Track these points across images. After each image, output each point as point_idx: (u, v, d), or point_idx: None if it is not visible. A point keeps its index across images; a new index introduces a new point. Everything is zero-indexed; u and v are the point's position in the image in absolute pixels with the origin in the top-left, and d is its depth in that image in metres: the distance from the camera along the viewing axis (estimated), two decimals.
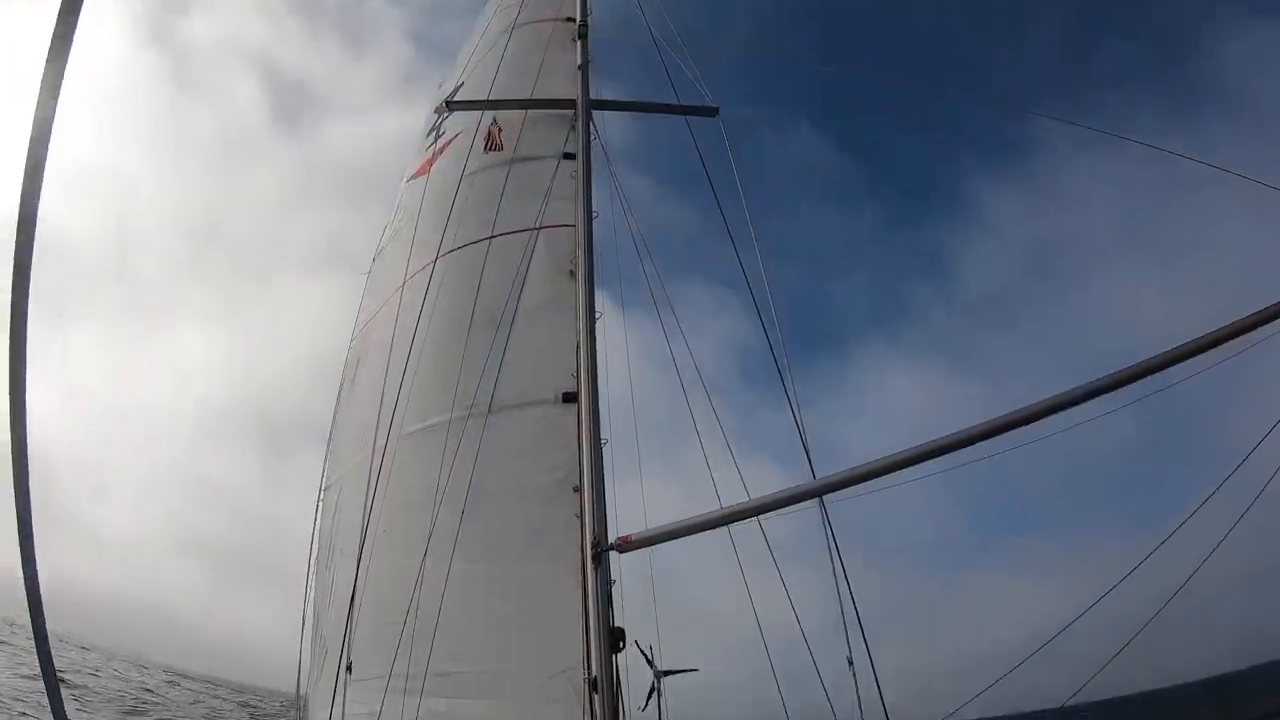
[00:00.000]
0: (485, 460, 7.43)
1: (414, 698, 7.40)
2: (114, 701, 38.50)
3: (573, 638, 6.61)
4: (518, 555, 7.46)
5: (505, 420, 7.67)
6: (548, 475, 7.45)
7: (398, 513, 8.22)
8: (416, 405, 8.46)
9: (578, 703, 6.69)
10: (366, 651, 8.19)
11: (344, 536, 9.34)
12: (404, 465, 8.40)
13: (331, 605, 9.22)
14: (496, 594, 7.51)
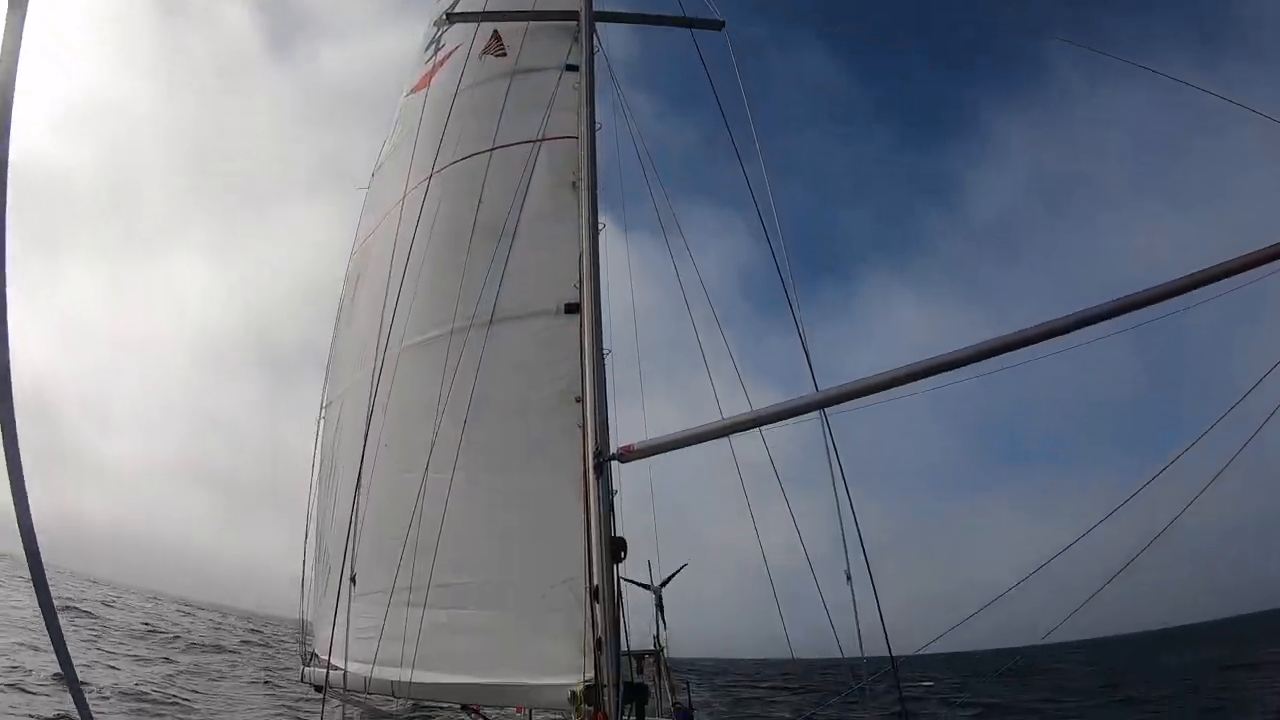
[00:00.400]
0: (487, 372, 7.38)
1: (417, 609, 7.46)
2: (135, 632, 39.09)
3: (574, 548, 6.64)
4: (519, 466, 7.45)
5: (507, 331, 7.60)
6: (550, 386, 7.41)
7: (399, 426, 8.20)
8: (417, 318, 8.39)
9: (579, 612, 6.73)
10: (369, 565, 8.25)
11: (346, 453, 9.36)
12: (405, 379, 8.37)
13: (334, 523, 9.28)
14: (498, 505, 7.52)
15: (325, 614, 8.77)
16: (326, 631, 8.76)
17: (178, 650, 48.46)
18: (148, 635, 53.22)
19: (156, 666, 38.04)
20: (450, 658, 7.53)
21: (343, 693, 8.60)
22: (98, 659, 34.69)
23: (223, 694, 30.04)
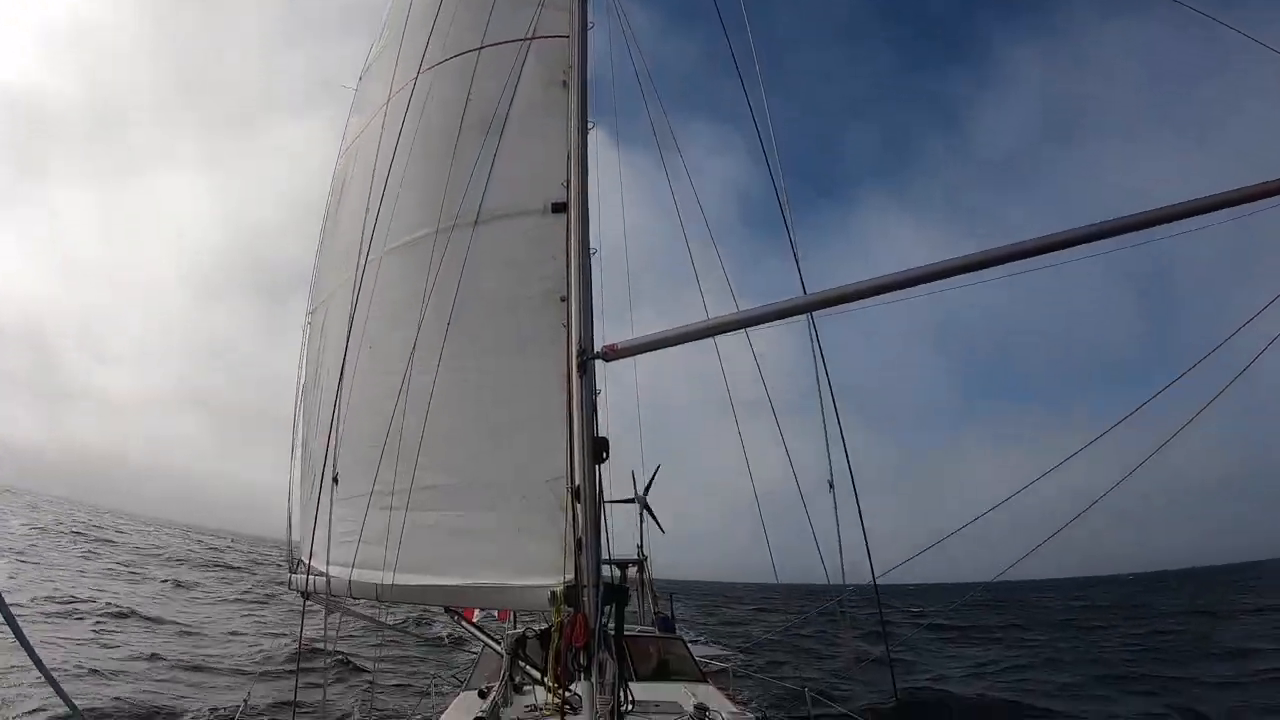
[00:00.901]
0: (472, 271, 7.26)
1: (399, 512, 7.43)
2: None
3: (557, 448, 6.60)
4: (503, 366, 7.35)
5: (493, 231, 7.44)
6: (536, 285, 7.27)
7: (383, 327, 8.10)
8: (402, 219, 8.23)
9: (561, 513, 6.71)
10: (352, 467, 8.21)
11: (330, 358, 9.26)
12: (389, 279, 8.24)
13: (319, 428, 9.22)
14: (482, 404, 7.45)
15: (311, 520, 8.77)
16: (312, 538, 8.78)
17: (196, 570, 49.37)
18: (173, 560, 54.48)
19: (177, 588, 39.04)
20: (433, 560, 7.53)
21: (327, 598, 8.62)
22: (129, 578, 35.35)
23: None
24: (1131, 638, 40.44)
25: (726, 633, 35.52)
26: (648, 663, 10.75)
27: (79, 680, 17.64)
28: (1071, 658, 31.97)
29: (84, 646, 21.78)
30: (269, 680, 16.11)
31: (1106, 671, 26.78)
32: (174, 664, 21.53)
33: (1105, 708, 21.03)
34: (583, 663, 6.05)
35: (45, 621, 24.21)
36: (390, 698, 18.59)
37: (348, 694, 17.69)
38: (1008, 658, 32.50)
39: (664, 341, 5.88)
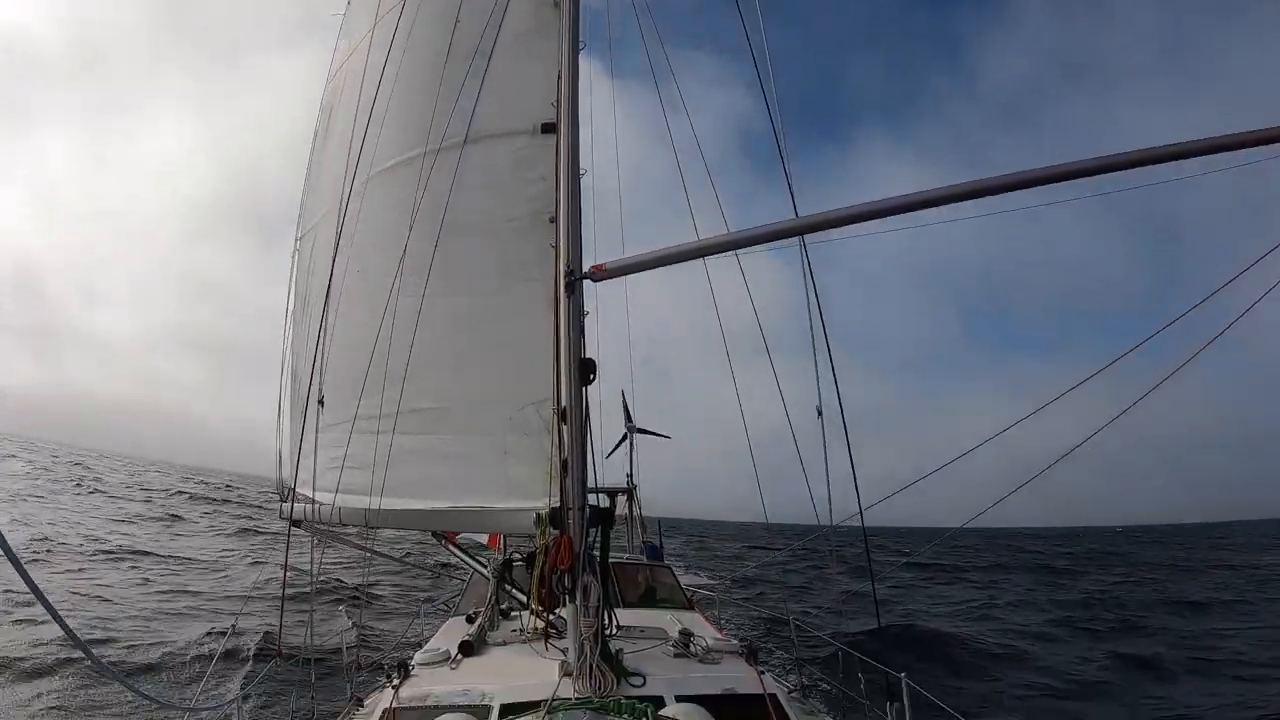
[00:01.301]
0: (460, 193, 7.13)
1: (387, 436, 7.41)
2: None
3: (544, 370, 6.56)
4: (491, 288, 7.27)
5: (481, 152, 7.31)
6: (524, 207, 7.16)
7: (370, 250, 8.02)
8: (389, 143, 8.10)
9: (548, 436, 6.69)
10: (341, 393, 8.18)
11: (318, 283, 9.17)
12: (377, 202, 8.14)
13: (307, 357, 9.16)
14: (469, 327, 7.39)
15: (300, 448, 8.76)
16: (303, 466, 8.77)
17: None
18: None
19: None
20: (420, 485, 7.53)
21: (313, 525, 8.64)
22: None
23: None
24: (1101, 584, 41.51)
25: (714, 566, 35.97)
26: (634, 590, 10.81)
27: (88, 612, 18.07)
28: (1044, 599, 33.12)
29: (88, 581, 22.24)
30: (254, 613, 16.26)
31: (1066, 614, 27.81)
32: (168, 592, 21.96)
33: (1050, 647, 21.98)
34: (567, 586, 6.05)
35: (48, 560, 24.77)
36: (378, 624, 18.84)
37: (333, 621, 17.97)
38: (982, 597, 33.78)
39: (653, 262, 5.79)
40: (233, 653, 14.82)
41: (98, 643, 15.75)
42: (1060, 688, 16.96)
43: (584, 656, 5.89)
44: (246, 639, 15.61)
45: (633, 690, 5.87)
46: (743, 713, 5.88)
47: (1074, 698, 16.31)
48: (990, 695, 15.66)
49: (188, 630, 17.21)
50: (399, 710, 6.10)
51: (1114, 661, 19.47)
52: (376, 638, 16.04)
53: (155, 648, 15.78)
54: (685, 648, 7.16)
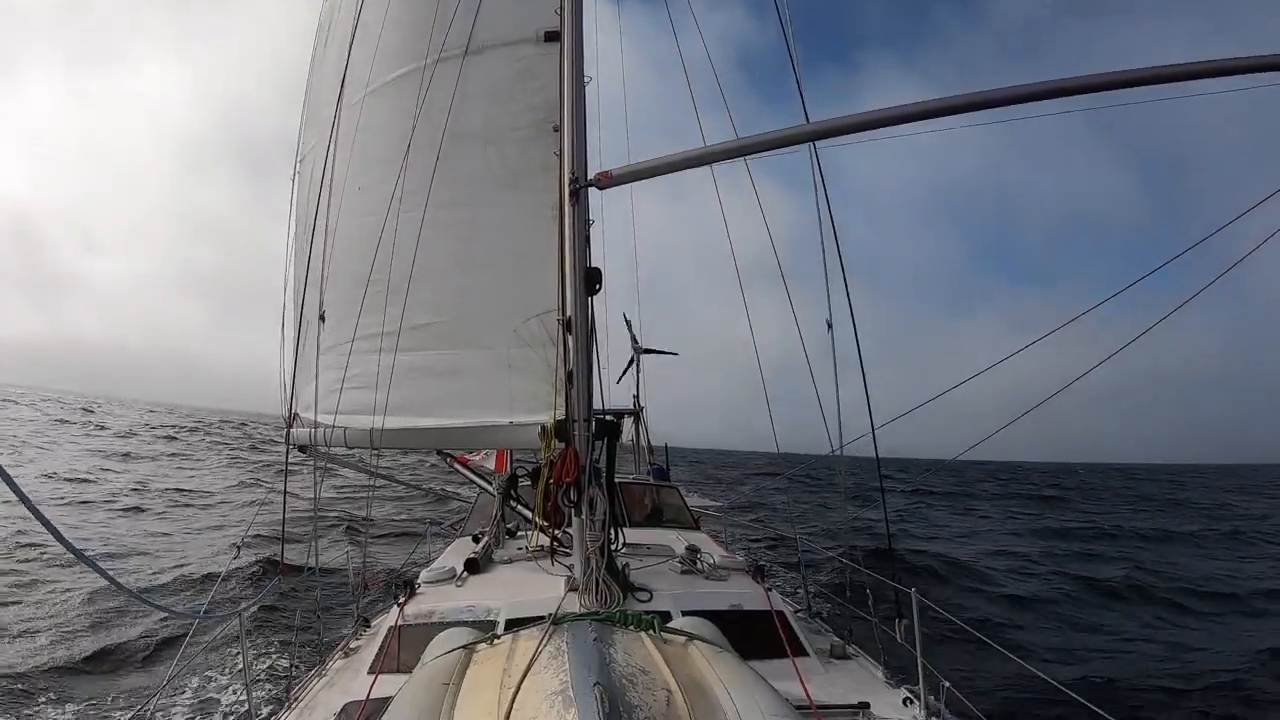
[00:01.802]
0: (461, 104, 6.97)
1: (390, 355, 7.34)
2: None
3: (548, 281, 6.45)
4: (493, 199, 7.15)
5: (482, 63, 7.13)
6: (527, 116, 7.01)
7: (371, 166, 7.88)
8: (389, 55, 7.92)
9: (553, 347, 6.61)
10: (343, 312, 8.09)
11: (321, 204, 9.05)
12: (377, 117, 7.98)
13: (308, 278, 9.05)
14: (471, 240, 7.27)
15: (305, 373, 8.71)
16: (307, 390, 8.72)
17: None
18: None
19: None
20: (424, 402, 7.50)
21: (321, 449, 8.60)
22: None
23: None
24: (1084, 514, 42.41)
25: (721, 491, 36.27)
26: (641, 510, 10.85)
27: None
28: (1022, 528, 34.09)
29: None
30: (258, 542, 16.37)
31: (1048, 545, 28.55)
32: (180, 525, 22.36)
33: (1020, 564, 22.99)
34: (573, 499, 6.01)
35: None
36: (385, 548, 18.99)
37: (338, 548, 18.17)
38: (969, 523, 34.98)
39: (661, 168, 5.64)
40: (235, 573, 15.13)
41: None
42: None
43: (590, 570, 5.86)
44: (252, 557, 16.02)
45: (639, 605, 5.86)
46: (749, 628, 5.87)
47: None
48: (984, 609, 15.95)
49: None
50: (404, 628, 6.10)
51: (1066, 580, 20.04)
52: (382, 561, 16.22)
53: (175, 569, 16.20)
54: (692, 564, 7.17)
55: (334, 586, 13.68)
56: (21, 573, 15.28)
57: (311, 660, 7.98)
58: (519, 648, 3.94)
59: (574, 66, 6.29)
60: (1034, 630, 15.04)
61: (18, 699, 9.71)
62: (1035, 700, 9.49)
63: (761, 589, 6.72)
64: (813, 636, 6.70)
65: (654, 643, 4.02)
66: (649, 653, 3.84)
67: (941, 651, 7.38)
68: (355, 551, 9.91)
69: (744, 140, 5.66)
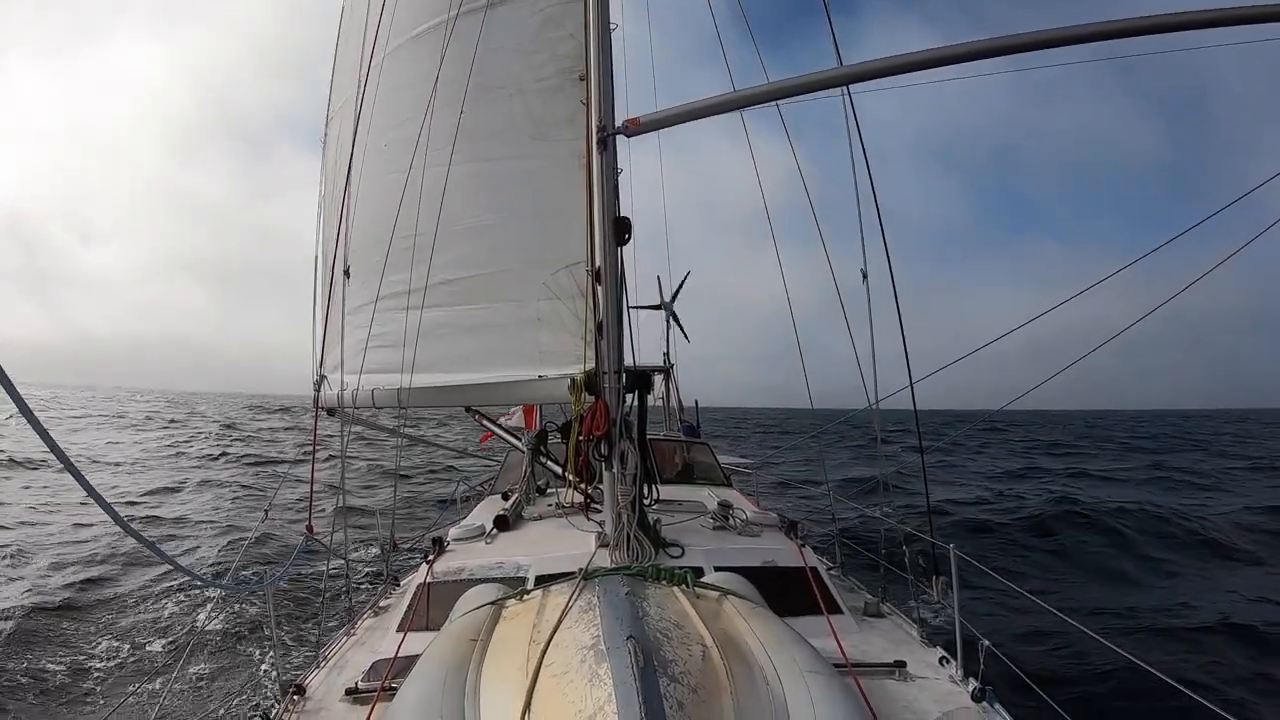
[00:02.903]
0: (486, 56, 6.87)
1: (416, 312, 7.28)
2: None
3: (577, 232, 6.37)
4: (520, 151, 7.03)
5: (507, 13, 7.01)
6: (553, 65, 6.87)
7: (397, 123, 7.78)
8: (413, 9, 7.82)
9: (582, 300, 6.53)
10: (369, 269, 8.03)
11: (347, 161, 8.99)
12: (402, 73, 7.88)
13: (337, 239, 9.01)
14: (498, 193, 7.18)
15: (333, 335, 8.70)
16: (334, 351, 8.70)
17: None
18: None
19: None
20: (452, 359, 7.45)
21: (350, 409, 8.58)
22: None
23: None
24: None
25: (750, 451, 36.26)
26: (672, 467, 10.81)
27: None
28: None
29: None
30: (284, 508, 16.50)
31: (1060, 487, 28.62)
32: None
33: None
34: (603, 453, 5.95)
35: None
36: (414, 509, 19.10)
37: (369, 495, 18.29)
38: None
39: (689, 114, 5.52)
40: (263, 539, 15.29)
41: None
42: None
43: (621, 526, 5.82)
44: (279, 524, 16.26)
45: (671, 561, 5.80)
46: (783, 585, 5.80)
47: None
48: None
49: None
50: (433, 585, 6.09)
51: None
52: (412, 526, 16.30)
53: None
54: (724, 520, 7.10)
55: (362, 546, 13.77)
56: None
57: (341, 621, 8.01)
58: (549, 603, 3.91)
59: (600, 10, 6.17)
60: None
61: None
62: (1077, 657, 9.37)
63: (795, 545, 6.66)
64: (846, 594, 6.63)
65: (687, 598, 3.97)
66: (683, 607, 3.79)
67: (977, 608, 7.28)
68: (385, 511, 9.93)
69: (775, 84, 5.51)
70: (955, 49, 5.19)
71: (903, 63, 5.28)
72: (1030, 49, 5.06)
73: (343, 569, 8.63)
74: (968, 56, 5.15)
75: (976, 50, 5.11)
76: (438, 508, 15.32)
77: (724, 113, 5.60)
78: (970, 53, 5.14)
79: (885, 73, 5.38)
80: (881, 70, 5.38)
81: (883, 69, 5.37)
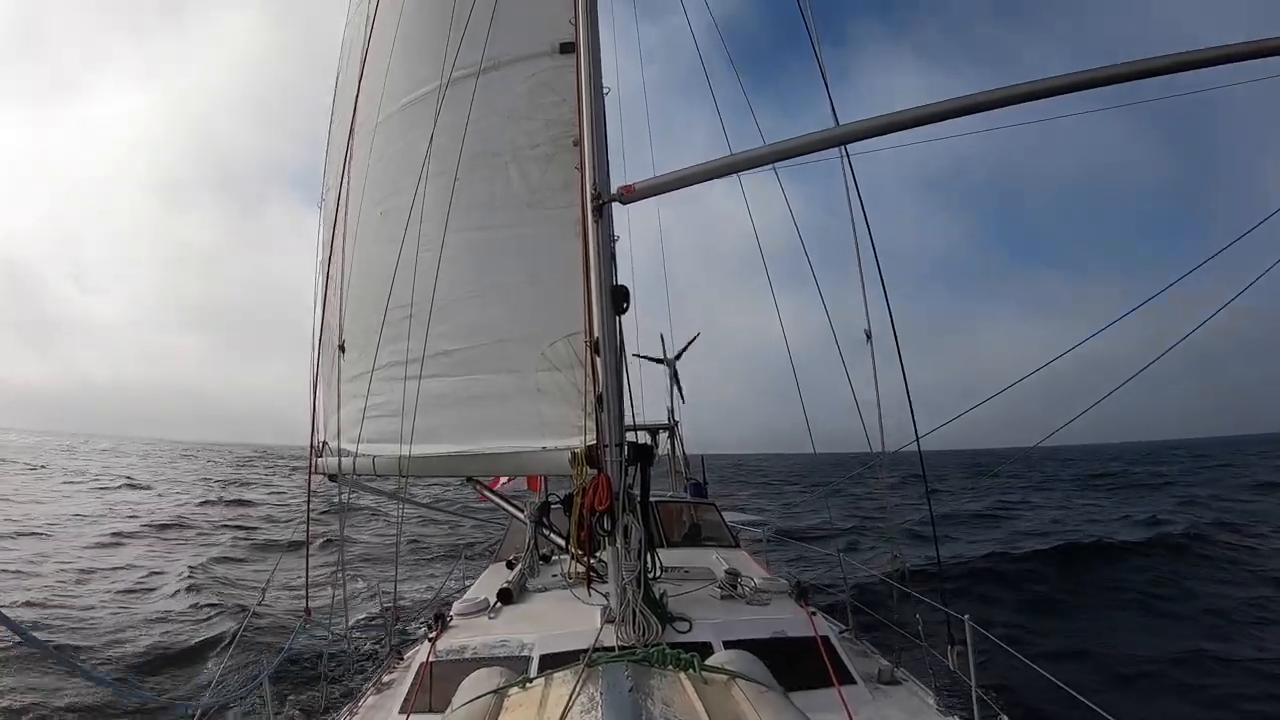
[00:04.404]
0: (479, 123, 6.82)
1: (414, 382, 7.17)
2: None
3: (574, 302, 6.24)
4: (516, 219, 6.95)
5: (497, 80, 6.96)
6: (545, 132, 6.81)
7: (391, 191, 7.75)
8: (405, 76, 7.82)
9: (580, 369, 6.40)
10: (367, 339, 7.95)
11: (341, 231, 8.95)
12: (395, 142, 7.88)
13: (333, 306, 8.94)
14: (492, 263, 7.09)
15: (332, 403, 8.60)
16: (334, 419, 8.60)
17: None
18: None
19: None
20: (453, 429, 7.34)
21: (352, 478, 8.46)
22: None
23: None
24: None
25: (756, 507, 35.77)
26: (679, 529, 10.63)
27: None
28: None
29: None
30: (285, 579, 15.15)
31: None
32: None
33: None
34: (607, 528, 5.79)
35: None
36: (417, 574, 18.72)
37: (368, 578, 17.89)
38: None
39: (686, 179, 5.43)
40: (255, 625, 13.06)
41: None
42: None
43: (626, 602, 5.64)
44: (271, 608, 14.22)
45: (678, 636, 5.63)
46: (793, 657, 5.63)
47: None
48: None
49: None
50: (436, 664, 5.92)
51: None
52: (415, 589, 15.90)
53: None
54: (732, 589, 6.93)
55: (362, 623, 13.03)
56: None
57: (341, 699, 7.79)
58: (552, 694, 3.76)
59: (591, 77, 6.12)
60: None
61: None
62: None
63: (805, 613, 6.47)
64: (859, 660, 6.44)
65: (694, 684, 3.82)
66: (688, 699, 3.64)
67: (993, 668, 7.03)
68: (386, 582, 9.70)
69: (774, 146, 5.41)
70: (956, 102, 5.13)
71: (902, 119, 5.20)
72: (1038, 97, 4.97)
73: (343, 645, 8.42)
74: (970, 109, 5.09)
75: (979, 103, 5.05)
76: (444, 563, 14.97)
77: (720, 177, 5.50)
78: (961, 108, 5.08)
79: (883, 130, 5.30)
80: (879, 128, 5.30)
81: (880, 127, 5.29)
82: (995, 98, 5.02)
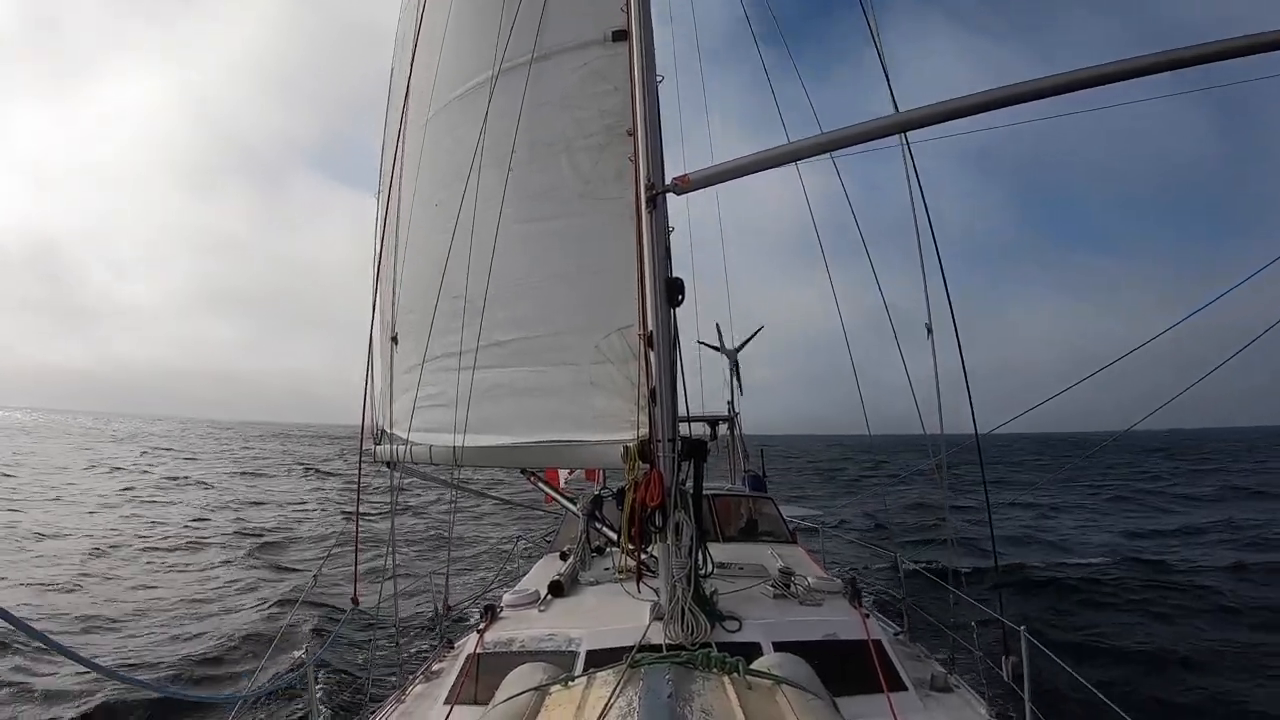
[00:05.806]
0: (530, 112, 6.76)
1: (467, 373, 7.17)
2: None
3: (628, 294, 6.17)
4: (569, 210, 6.85)
5: (550, 69, 6.87)
6: (597, 123, 6.70)
7: (445, 183, 7.72)
8: (456, 68, 7.79)
9: (634, 362, 6.33)
10: (421, 330, 7.97)
11: (396, 220, 8.99)
12: (449, 132, 7.84)
13: (389, 297, 8.99)
14: (546, 254, 7.02)
15: (387, 392, 8.67)
16: (389, 409, 8.66)
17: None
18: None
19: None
20: (506, 420, 7.31)
21: (409, 466, 8.51)
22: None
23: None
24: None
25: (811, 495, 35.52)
26: (734, 523, 10.58)
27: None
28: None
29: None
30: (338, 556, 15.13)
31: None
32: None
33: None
34: (658, 524, 5.72)
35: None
36: (471, 565, 18.83)
37: (421, 564, 18.01)
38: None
39: (741, 169, 5.32)
40: (307, 605, 13.60)
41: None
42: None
43: (675, 600, 5.60)
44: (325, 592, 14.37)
45: (727, 636, 5.57)
46: (844, 660, 5.57)
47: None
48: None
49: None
50: (483, 656, 5.95)
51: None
52: (468, 580, 15.96)
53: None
54: (785, 588, 6.85)
55: (414, 612, 13.02)
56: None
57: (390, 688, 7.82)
58: (592, 694, 3.77)
59: (645, 66, 6.03)
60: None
61: None
62: None
63: (859, 614, 6.37)
64: (911, 664, 6.34)
65: (736, 689, 3.76)
66: (729, 705, 3.58)
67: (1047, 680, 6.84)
68: (439, 570, 9.71)
69: (831, 134, 5.28)
70: (1004, 91, 4.94)
71: (965, 105, 5.05)
72: (1105, 82, 4.78)
73: (390, 632, 8.46)
74: (1033, 95, 4.90)
75: (1029, 91, 4.87)
76: (497, 559, 14.99)
77: (776, 166, 5.38)
78: (1022, 94, 4.89)
79: (945, 117, 5.15)
80: (941, 115, 5.14)
81: (942, 113, 5.13)
82: (1061, 82, 4.84)
